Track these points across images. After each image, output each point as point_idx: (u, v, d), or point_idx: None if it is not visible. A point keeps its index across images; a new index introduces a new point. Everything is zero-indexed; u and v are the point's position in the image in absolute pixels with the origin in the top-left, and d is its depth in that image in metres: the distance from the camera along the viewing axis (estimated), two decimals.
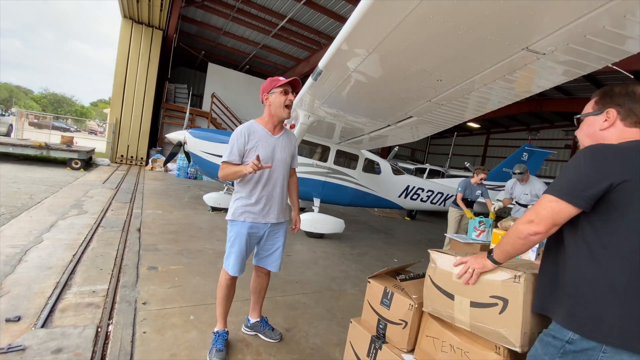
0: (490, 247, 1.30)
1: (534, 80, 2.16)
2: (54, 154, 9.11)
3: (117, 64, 11.65)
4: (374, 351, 1.89)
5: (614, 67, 2.04)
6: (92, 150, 10.50)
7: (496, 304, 1.36)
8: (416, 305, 1.77)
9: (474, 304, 1.43)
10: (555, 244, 1.18)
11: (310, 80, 3.04)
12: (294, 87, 2.10)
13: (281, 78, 2.04)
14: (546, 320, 1.37)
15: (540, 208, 1.10)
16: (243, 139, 2.02)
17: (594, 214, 1.06)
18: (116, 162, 11.81)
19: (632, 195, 0.99)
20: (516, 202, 5.00)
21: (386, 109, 3.37)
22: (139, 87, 11.87)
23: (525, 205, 4.77)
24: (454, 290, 1.52)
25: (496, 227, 2.86)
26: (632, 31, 1.57)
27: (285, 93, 2.05)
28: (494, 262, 1.32)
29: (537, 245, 2.35)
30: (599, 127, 1.15)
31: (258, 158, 1.87)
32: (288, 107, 2.06)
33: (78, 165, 9.07)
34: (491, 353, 1.41)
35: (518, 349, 1.30)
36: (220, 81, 14.87)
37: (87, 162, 9.73)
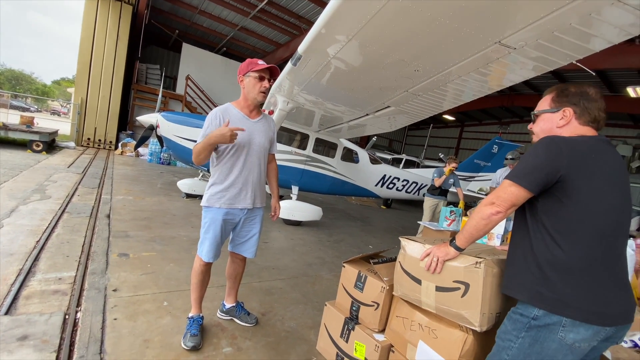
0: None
1: (505, 74, 2.25)
2: (12, 135, 8.43)
3: (82, 40, 10.83)
4: (347, 332, 1.96)
5: (579, 64, 2.15)
6: (55, 132, 9.83)
7: (459, 288, 1.45)
8: (387, 288, 1.84)
9: (439, 288, 1.52)
10: (519, 230, 1.27)
11: (289, 65, 2.99)
12: (272, 74, 2.05)
13: (260, 62, 1.97)
14: (507, 301, 1.48)
15: (501, 191, 1.20)
16: (218, 121, 1.97)
17: (548, 201, 1.17)
18: (82, 146, 11.13)
19: (580, 185, 1.10)
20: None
21: (365, 97, 3.40)
22: (107, 65, 11.13)
23: None
24: (421, 275, 1.60)
25: (466, 215, 3.01)
26: (596, 29, 1.67)
27: (261, 79, 1.99)
28: (457, 248, 1.39)
29: (502, 232, 2.51)
30: (556, 125, 1.24)
31: (228, 124, 1.85)
32: (263, 93, 2.02)
33: (40, 148, 8.48)
34: (456, 330, 1.51)
35: (477, 329, 1.41)
36: (196, 63, 14.24)
37: (50, 145, 9.11)
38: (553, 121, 1.25)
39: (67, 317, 2.08)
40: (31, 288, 2.34)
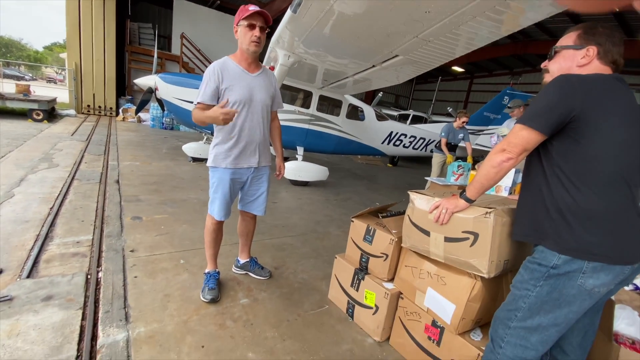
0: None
1: (524, 10, 2.05)
2: (10, 105, 8.33)
3: (67, 0, 10.19)
4: (357, 281, 2.03)
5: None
6: (54, 100, 9.65)
7: (467, 238, 1.46)
8: (396, 240, 1.87)
9: (447, 239, 1.53)
10: (535, 177, 1.23)
11: (288, 12, 2.78)
12: (266, 21, 1.87)
13: (252, 7, 1.80)
14: (516, 248, 1.49)
15: (512, 137, 1.16)
16: (216, 77, 1.87)
17: (564, 142, 1.11)
18: (83, 113, 10.99)
19: (597, 124, 1.06)
20: None
21: (371, 46, 3.18)
22: (97, 26, 10.56)
23: None
24: (429, 227, 1.61)
25: (474, 169, 2.97)
26: None
27: (251, 27, 1.83)
28: (467, 200, 1.38)
29: (510, 184, 2.47)
30: (577, 63, 1.16)
31: (224, 105, 1.79)
32: (255, 43, 1.87)
33: (40, 117, 8.40)
34: (465, 277, 1.55)
35: (485, 275, 1.44)
36: (189, 20, 13.42)
37: (50, 113, 9.01)
38: (574, 59, 1.17)
39: (89, 277, 2.18)
40: (50, 252, 2.44)
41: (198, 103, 1.90)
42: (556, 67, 1.23)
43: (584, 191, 1.07)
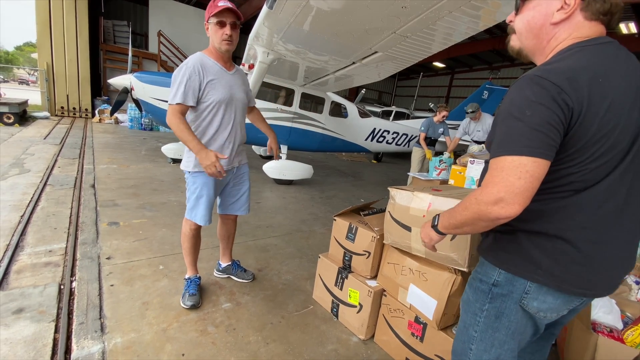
0: (436, 215, 1.02)
1: (500, 5, 2.07)
2: None
3: None
4: (341, 280, 2.02)
5: None
6: (26, 102, 9.21)
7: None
8: (378, 237, 1.86)
9: None
10: None
11: (265, 8, 2.72)
12: (238, 16, 1.78)
13: (221, 2, 1.70)
14: None
15: (512, 177, 0.75)
16: (197, 75, 1.75)
17: None
18: (57, 115, 10.53)
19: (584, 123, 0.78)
20: (472, 139, 5.26)
21: (350, 43, 3.16)
22: (69, 24, 10.11)
23: (478, 142, 5.03)
24: (410, 222, 1.61)
25: (455, 164, 3.00)
26: None
27: (221, 25, 1.75)
28: (438, 232, 1.01)
29: (479, 176, 2.51)
30: (550, 19, 0.84)
31: (218, 158, 1.69)
32: (226, 42, 1.78)
33: (11, 120, 8.00)
34: (445, 272, 1.56)
35: (465, 269, 1.46)
36: (167, 17, 13.03)
37: (22, 116, 8.59)
38: (547, 13, 0.84)
39: (62, 287, 2.09)
40: (21, 262, 2.32)
41: (178, 104, 1.74)
42: (523, 24, 0.90)
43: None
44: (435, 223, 1.00)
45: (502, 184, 0.76)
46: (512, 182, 0.75)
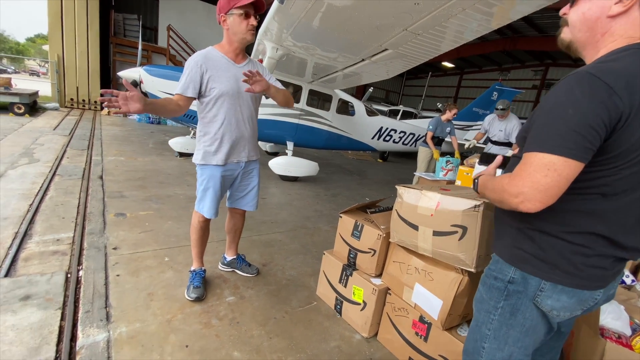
0: (474, 178, 1.05)
1: (515, 3, 2.04)
2: None
3: None
4: (346, 277, 2.01)
5: None
6: (36, 93, 9.32)
7: (456, 232, 1.45)
8: (384, 235, 1.85)
9: (436, 233, 1.52)
10: None
11: (275, 3, 2.70)
12: (258, 8, 1.81)
13: None
14: None
15: (539, 174, 0.75)
16: (198, 69, 1.78)
17: None
18: (66, 107, 10.64)
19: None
20: (489, 138, 5.05)
21: (360, 40, 3.14)
22: (80, 17, 10.19)
23: (496, 143, 4.88)
24: (418, 221, 1.60)
25: (462, 164, 2.97)
26: None
27: (247, 16, 1.77)
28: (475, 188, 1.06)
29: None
30: (608, 11, 0.81)
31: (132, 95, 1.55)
32: (252, 32, 1.82)
33: (22, 111, 8.10)
34: (452, 272, 1.54)
35: (472, 270, 1.43)
36: (176, 11, 13.09)
37: (32, 107, 8.69)
38: (605, 5, 0.81)
39: (69, 275, 2.11)
40: (29, 250, 2.35)
41: (176, 94, 1.79)
42: (577, 16, 0.87)
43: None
44: (475, 183, 1.04)
45: (528, 179, 0.76)
46: (537, 179, 0.75)
